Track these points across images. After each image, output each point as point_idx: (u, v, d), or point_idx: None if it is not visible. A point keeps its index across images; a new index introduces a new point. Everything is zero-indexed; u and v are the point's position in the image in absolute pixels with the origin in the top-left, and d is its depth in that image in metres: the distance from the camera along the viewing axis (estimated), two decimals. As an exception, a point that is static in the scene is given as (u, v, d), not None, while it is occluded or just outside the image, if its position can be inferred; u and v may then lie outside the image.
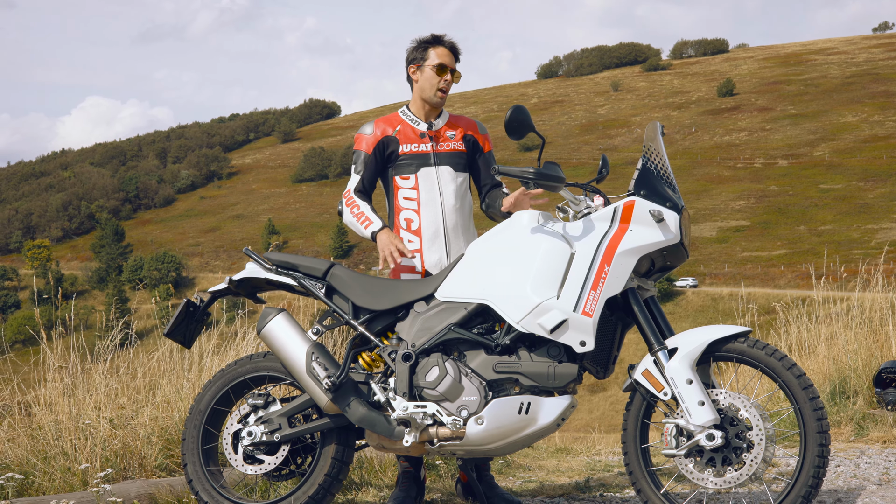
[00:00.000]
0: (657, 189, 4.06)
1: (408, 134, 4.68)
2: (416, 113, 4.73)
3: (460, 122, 4.79)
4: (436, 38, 4.72)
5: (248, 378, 4.43)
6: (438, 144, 4.69)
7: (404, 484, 4.75)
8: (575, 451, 7.23)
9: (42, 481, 5.08)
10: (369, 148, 4.66)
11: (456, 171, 4.70)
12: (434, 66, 4.65)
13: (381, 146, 4.67)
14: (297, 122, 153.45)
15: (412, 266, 4.64)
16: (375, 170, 4.68)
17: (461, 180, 4.72)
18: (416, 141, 4.67)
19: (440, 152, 4.68)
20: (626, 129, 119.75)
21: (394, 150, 4.66)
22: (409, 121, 4.71)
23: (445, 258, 4.65)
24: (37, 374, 5.84)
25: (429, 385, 4.09)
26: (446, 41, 4.71)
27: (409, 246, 4.63)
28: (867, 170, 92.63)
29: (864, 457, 6.04)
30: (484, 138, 4.80)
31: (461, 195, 4.72)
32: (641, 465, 4.07)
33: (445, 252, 4.65)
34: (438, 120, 4.74)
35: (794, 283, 63.21)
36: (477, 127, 4.82)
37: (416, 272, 4.63)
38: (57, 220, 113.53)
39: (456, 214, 4.68)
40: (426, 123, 4.71)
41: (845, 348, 7.67)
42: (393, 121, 4.72)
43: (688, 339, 3.98)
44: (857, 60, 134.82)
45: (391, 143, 4.67)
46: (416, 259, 4.64)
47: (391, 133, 4.67)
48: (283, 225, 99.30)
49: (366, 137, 4.68)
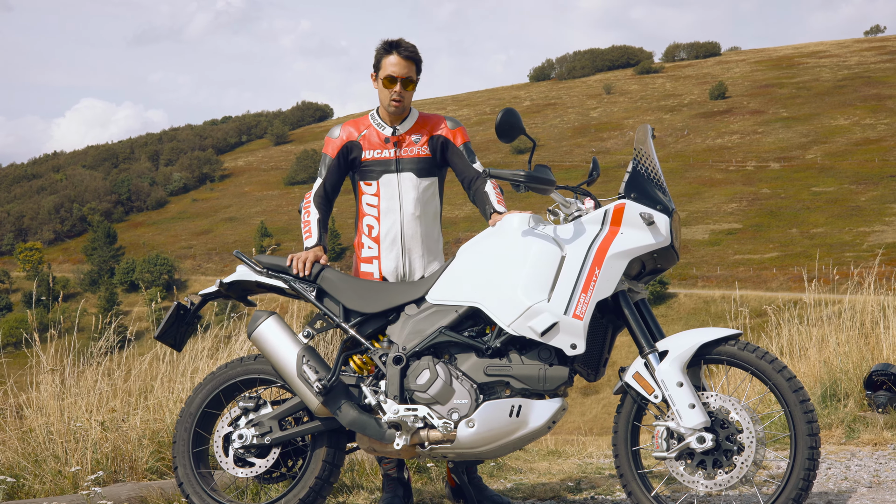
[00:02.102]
0: (648, 192, 4.07)
1: (371, 140, 4.65)
2: (382, 117, 4.70)
3: (428, 123, 4.70)
4: (388, 47, 4.61)
5: (239, 381, 4.43)
6: (402, 150, 4.65)
7: (390, 486, 4.78)
8: (566, 454, 7.23)
9: (32, 484, 5.07)
10: (334, 152, 4.67)
11: (419, 177, 4.65)
12: (384, 76, 4.59)
13: (344, 151, 4.67)
14: (290, 124, 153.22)
15: (370, 272, 4.67)
16: (339, 174, 4.69)
17: (425, 186, 4.67)
18: (380, 147, 4.64)
19: (403, 158, 4.64)
20: (619, 131, 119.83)
21: (357, 155, 4.66)
22: (376, 125, 4.68)
23: (402, 266, 4.65)
24: (29, 376, 5.83)
25: (420, 388, 4.09)
26: (401, 49, 4.58)
27: (368, 252, 4.68)
28: (859, 173, 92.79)
29: (854, 459, 6.05)
30: (455, 132, 4.69)
31: (423, 202, 4.67)
32: (632, 467, 4.07)
33: (402, 260, 4.65)
34: (404, 124, 4.67)
35: (786, 285, 63.29)
36: (446, 123, 4.72)
37: (375, 279, 4.64)
38: (49, 222, 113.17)
39: (416, 223, 4.66)
40: (391, 128, 4.66)
41: (836, 351, 7.69)
42: (360, 125, 4.70)
43: (678, 342, 3.98)
44: (848, 63, 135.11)
45: (354, 149, 4.66)
46: (375, 265, 4.67)
47: (356, 138, 4.66)
48: (276, 227, 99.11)
49: (332, 141, 4.70)
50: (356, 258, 4.76)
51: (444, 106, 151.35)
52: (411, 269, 4.66)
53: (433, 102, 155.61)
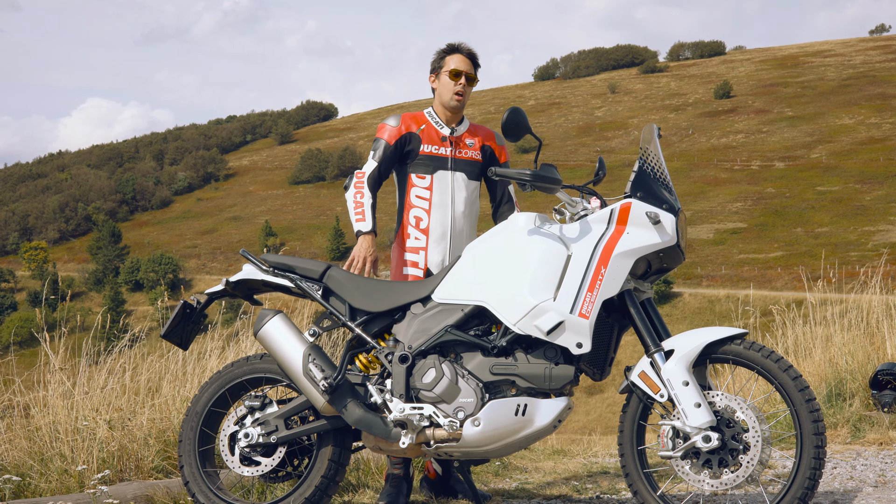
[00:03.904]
0: (653, 191, 4.07)
1: (431, 135, 4.84)
2: (439, 115, 4.89)
3: (479, 132, 4.96)
4: (452, 47, 4.90)
5: (245, 380, 4.44)
6: (458, 151, 4.86)
7: (394, 481, 4.82)
8: (572, 453, 7.23)
9: (39, 483, 5.08)
10: (392, 139, 4.81)
11: (469, 178, 4.87)
12: (449, 71, 4.82)
13: (402, 140, 4.81)
14: (295, 123, 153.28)
15: (416, 262, 4.80)
16: (392, 161, 4.83)
17: (473, 188, 4.89)
18: (438, 143, 4.83)
19: (458, 158, 4.86)
20: (624, 131, 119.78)
21: (414, 147, 4.81)
22: (434, 123, 4.88)
23: (447, 260, 4.80)
24: (36, 375, 5.84)
25: (425, 387, 4.10)
26: (463, 48, 4.89)
27: (415, 243, 4.82)
28: (864, 172, 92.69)
29: (860, 459, 6.05)
30: (501, 150, 4.99)
31: (471, 202, 4.89)
32: (638, 466, 4.07)
33: (448, 254, 4.81)
34: (460, 126, 4.91)
35: (791, 285, 63.24)
36: (495, 138, 4.98)
37: (420, 268, 4.77)
38: (54, 221, 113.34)
39: (463, 220, 4.86)
40: (449, 128, 4.87)
41: (842, 350, 7.68)
42: (419, 119, 4.88)
43: (684, 341, 3.98)
44: (853, 62, 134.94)
45: (413, 140, 4.82)
46: (421, 255, 4.80)
47: (415, 130, 4.83)
48: (281, 227, 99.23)
49: (389, 128, 4.83)
50: (398, 248, 4.88)
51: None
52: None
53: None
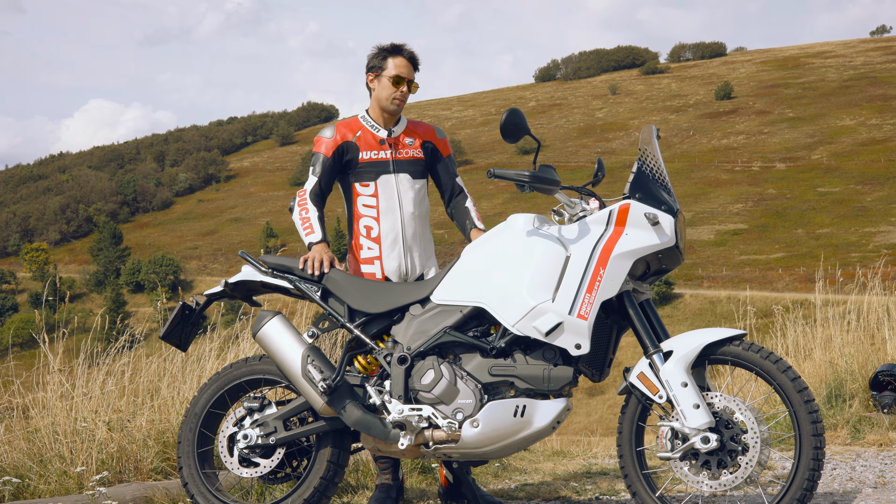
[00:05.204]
0: (652, 192, 4.07)
1: (368, 140, 4.72)
2: (375, 119, 4.77)
3: (419, 129, 4.84)
4: (395, 48, 4.75)
5: (244, 381, 4.44)
6: (398, 152, 4.74)
7: (384, 487, 4.80)
8: (571, 455, 7.23)
9: (38, 484, 5.08)
10: (328, 151, 4.69)
11: (414, 178, 4.76)
12: (391, 77, 4.69)
13: (340, 151, 4.70)
14: (295, 125, 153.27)
15: (372, 273, 4.71)
16: (333, 174, 4.72)
17: (419, 187, 4.78)
18: (376, 148, 4.71)
19: (399, 160, 4.74)
20: (624, 132, 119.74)
21: (353, 156, 4.70)
22: (370, 127, 4.75)
23: (404, 265, 4.72)
24: (35, 377, 5.84)
25: (424, 388, 4.10)
26: (405, 51, 4.74)
27: (368, 253, 4.72)
28: (865, 173, 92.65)
29: (860, 460, 6.04)
30: (443, 143, 4.87)
31: (419, 202, 4.78)
32: (637, 468, 4.07)
33: (404, 258, 4.72)
34: (397, 127, 4.78)
35: (792, 286, 63.21)
36: (435, 132, 4.87)
37: (377, 279, 4.66)
38: (55, 223, 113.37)
39: (415, 222, 4.76)
40: (386, 130, 4.75)
41: (841, 351, 7.67)
42: (353, 126, 4.75)
43: (683, 343, 3.98)
44: (854, 64, 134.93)
45: (351, 150, 4.70)
46: (377, 265, 4.71)
47: (351, 139, 4.71)
48: (281, 228, 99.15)
49: (325, 141, 4.72)
50: (354, 260, 4.78)
51: (449, 106, 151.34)
52: (412, 267, 4.73)
53: (438, 103, 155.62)
